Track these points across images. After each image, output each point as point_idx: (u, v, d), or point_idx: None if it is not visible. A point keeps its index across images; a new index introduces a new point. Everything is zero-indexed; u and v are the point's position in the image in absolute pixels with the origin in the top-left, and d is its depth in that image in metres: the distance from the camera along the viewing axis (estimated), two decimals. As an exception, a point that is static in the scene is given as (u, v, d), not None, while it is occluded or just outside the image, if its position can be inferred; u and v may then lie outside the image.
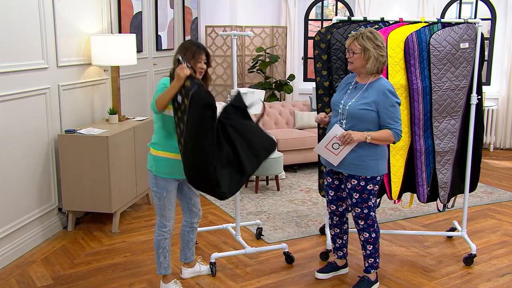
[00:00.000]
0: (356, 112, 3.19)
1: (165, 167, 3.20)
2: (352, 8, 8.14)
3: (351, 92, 3.29)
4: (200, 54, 3.15)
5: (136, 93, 5.99)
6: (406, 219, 4.83)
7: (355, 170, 3.26)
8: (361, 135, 3.16)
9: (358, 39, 3.18)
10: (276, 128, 6.86)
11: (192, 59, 3.12)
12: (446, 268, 3.82)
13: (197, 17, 8.03)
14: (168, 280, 3.42)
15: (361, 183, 3.26)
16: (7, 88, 3.78)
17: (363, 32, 3.19)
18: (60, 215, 4.51)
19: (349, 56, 3.25)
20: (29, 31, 4.00)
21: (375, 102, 3.16)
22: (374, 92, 3.19)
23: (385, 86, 3.19)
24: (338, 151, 3.22)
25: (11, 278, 3.64)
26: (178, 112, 3.01)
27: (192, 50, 3.14)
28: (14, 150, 3.90)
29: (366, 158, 3.23)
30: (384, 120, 3.18)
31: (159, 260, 3.37)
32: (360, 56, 3.19)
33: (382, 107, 3.16)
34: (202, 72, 3.21)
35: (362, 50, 3.17)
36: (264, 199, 5.39)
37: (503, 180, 6.14)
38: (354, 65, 3.25)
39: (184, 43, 3.24)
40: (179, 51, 3.16)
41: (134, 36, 4.89)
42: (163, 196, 3.25)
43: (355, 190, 3.29)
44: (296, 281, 3.62)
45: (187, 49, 3.15)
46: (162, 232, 3.32)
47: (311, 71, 8.38)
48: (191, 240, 3.59)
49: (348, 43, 3.24)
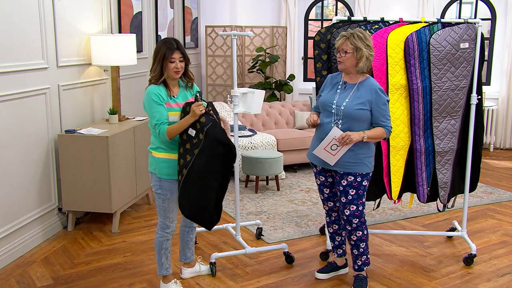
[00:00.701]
0: (353, 112, 3.23)
1: (168, 169, 3.18)
2: (352, 8, 8.14)
3: (341, 92, 3.31)
4: (172, 54, 3.06)
5: (136, 93, 5.98)
6: (406, 219, 4.83)
7: (352, 168, 3.29)
8: (359, 135, 3.21)
9: (349, 38, 3.21)
10: (276, 128, 6.86)
11: (164, 60, 3.07)
12: (446, 268, 3.82)
13: (197, 17, 8.03)
14: (168, 280, 3.42)
15: (358, 179, 3.31)
16: (7, 88, 3.78)
17: (354, 32, 3.24)
18: (60, 215, 4.51)
19: (340, 56, 3.27)
20: (29, 31, 4.00)
21: (369, 101, 3.23)
22: (366, 92, 3.25)
23: (375, 85, 3.28)
24: (335, 151, 3.27)
25: (11, 278, 3.64)
26: (187, 144, 3.07)
27: (163, 51, 3.07)
28: (14, 150, 3.90)
29: (361, 156, 3.29)
30: (377, 118, 3.26)
31: (161, 261, 3.36)
32: (352, 56, 3.22)
33: (375, 106, 3.24)
34: (179, 71, 3.12)
35: (354, 49, 3.21)
36: (264, 199, 5.39)
37: (503, 180, 6.14)
38: (344, 65, 3.27)
39: (158, 43, 3.16)
40: (153, 53, 3.13)
41: (134, 36, 4.89)
42: (167, 198, 3.23)
43: (351, 187, 3.31)
44: (296, 281, 3.62)
45: (159, 51, 3.09)
46: (164, 233, 3.31)
47: (311, 71, 8.38)
48: (191, 240, 3.58)
49: (340, 43, 3.26)
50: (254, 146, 5.93)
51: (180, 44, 3.13)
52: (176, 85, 3.23)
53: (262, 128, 6.76)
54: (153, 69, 3.13)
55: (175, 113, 3.15)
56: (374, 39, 3.63)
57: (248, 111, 3.83)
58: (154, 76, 3.13)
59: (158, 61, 3.09)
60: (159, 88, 3.11)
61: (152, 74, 3.14)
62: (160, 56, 3.08)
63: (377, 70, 3.67)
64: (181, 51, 3.11)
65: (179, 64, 3.10)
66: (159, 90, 3.10)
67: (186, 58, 3.15)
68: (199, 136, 3.02)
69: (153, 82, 3.14)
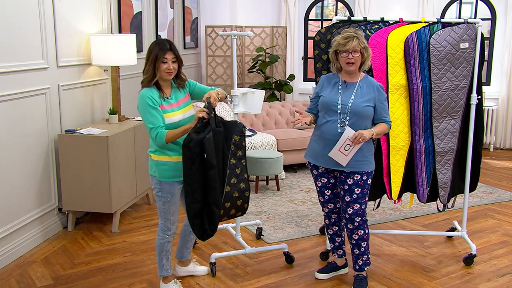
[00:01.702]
0: (361, 110, 3.27)
1: (168, 171, 3.16)
2: (352, 8, 8.14)
3: (344, 91, 3.32)
4: (163, 55, 3.03)
5: (136, 93, 5.93)
6: (406, 219, 4.83)
7: (359, 167, 3.32)
8: (369, 133, 3.25)
9: (359, 39, 3.24)
10: (276, 128, 6.86)
11: (156, 61, 3.04)
12: (446, 268, 3.82)
13: (197, 17, 8.03)
14: (168, 280, 3.41)
15: (364, 177, 3.33)
16: (7, 88, 3.78)
17: (355, 31, 3.27)
18: (60, 215, 4.51)
19: (351, 57, 3.24)
20: (29, 31, 4.00)
21: (373, 98, 3.30)
22: (369, 89, 3.31)
23: (375, 82, 3.37)
24: (348, 152, 3.28)
25: (11, 278, 3.64)
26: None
27: (155, 52, 3.04)
28: (14, 150, 3.90)
29: (367, 153, 3.34)
30: (381, 114, 3.33)
31: (162, 263, 3.35)
32: (361, 55, 3.27)
33: (378, 102, 3.31)
34: (171, 72, 3.09)
35: (364, 49, 3.27)
36: (264, 199, 5.39)
37: (503, 180, 6.14)
38: (356, 65, 3.28)
39: (151, 44, 3.13)
40: (146, 54, 3.11)
41: (134, 36, 4.89)
42: (168, 200, 3.21)
43: (357, 185, 3.32)
44: (296, 281, 3.62)
45: (151, 51, 3.07)
46: (165, 235, 3.30)
47: (311, 71, 8.38)
48: (191, 241, 3.58)
49: (352, 45, 3.21)
50: (254, 146, 5.93)
51: (173, 45, 3.10)
52: (169, 86, 3.20)
53: (262, 128, 6.76)
54: (146, 71, 3.10)
55: (170, 114, 3.11)
56: (374, 39, 3.64)
57: (248, 111, 3.83)
58: (147, 78, 3.10)
59: (150, 62, 3.06)
60: (151, 91, 3.08)
61: (145, 76, 3.11)
62: (152, 57, 3.05)
63: (377, 70, 3.67)
64: (174, 52, 3.08)
65: (171, 65, 3.07)
66: (152, 93, 3.07)
67: (179, 60, 3.12)
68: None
69: (145, 85, 3.11)
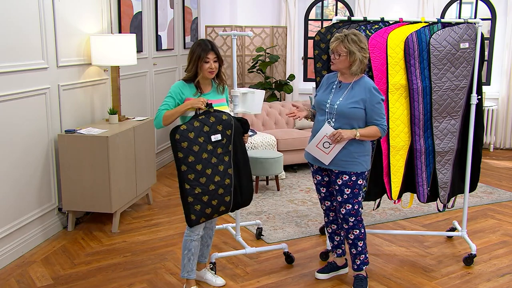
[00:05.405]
0: (346, 111, 3.25)
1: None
2: (352, 8, 8.14)
3: (336, 91, 3.33)
4: (206, 55, 3.19)
5: (136, 93, 5.99)
6: (406, 219, 4.83)
7: (346, 167, 3.30)
8: (351, 133, 3.23)
9: (343, 42, 3.22)
10: (276, 128, 6.86)
11: (199, 61, 3.18)
12: (446, 268, 3.82)
13: (197, 17, 8.02)
14: (189, 284, 3.34)
15: (353, 178, 3.32)
16: (7, 88, 3.78)
17: (348, 34, 3.23)
18: (60, 215, 4.51)
19: (334, 57, 3.28)
20: (29, 31, 4.00)
21: (362, 100, 3.25)
22: (360, 91, 3.27)
23: (370, 84, 3.30)
24: (328, 150, 3.28)
25: (11, 278, 3.64)
26: (219, 149, 3.19)
27: (198, 52, 3.19)
28: (14, 150, 3.90)
29: (356, 154, 3.30)
30: (372, 117, 3.28)
31: (183, 262, 3.30)
32: (346, 59, 3.24)
33: (369, 105, 3.25)
34: (213, 71, 3.24)
35: (347, 53, 3.21)
36: (264, 199, 5.39)
37: (503, 180, 6.14)
38: (337, 66, 3.30)
39: (193, 45, 3.28)
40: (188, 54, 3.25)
41: (134, 36, 4.89)
42: None
43: (346, 186, 3.32)
44: (296, 281, 3.62)
45: (194, 52, 3.22)
46: (190, 232, 3.27)
47: (311, 71, 8.38)
48: (210, 239, 3.57)
49: (334, 46, 3.26)
50: (254, 146, 5.93)
51: (214, 45, 3.25)
52: (209, 85, 3.35)
53: (262, 128, 6.76)
54: (188, 69, 3.26)
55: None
56: (374, 39, 3.64)
57: (248, 111, 3.84)
58: (189, 75, 3.26)
59: (193, 62, 3.21)
60: (184, 84, 3.26)
61: (187, 74, 3.28)
62: (195, 57, 3.20)
63: (377, 70, 3.67)
64: (215, 52, 3.23)
65: (213, 64, 3.21)
66: (183, 87, 3.24)
67: (220, 59, 3.27)
68: (227, 132, 3.17)
69: (184, 79, 3.28)
